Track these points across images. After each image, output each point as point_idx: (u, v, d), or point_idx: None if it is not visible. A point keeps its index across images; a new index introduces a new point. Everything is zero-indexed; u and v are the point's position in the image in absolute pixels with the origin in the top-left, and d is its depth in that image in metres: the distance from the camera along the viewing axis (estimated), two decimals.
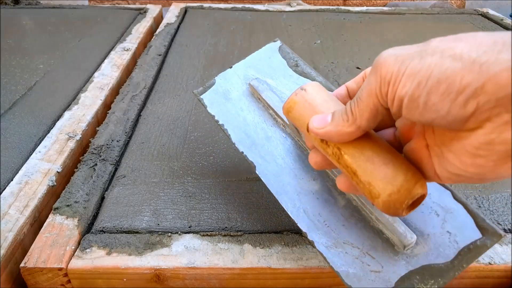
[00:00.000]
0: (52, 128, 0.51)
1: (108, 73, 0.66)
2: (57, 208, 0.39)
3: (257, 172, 0.34)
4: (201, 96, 0.40)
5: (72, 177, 0.43)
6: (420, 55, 0.21)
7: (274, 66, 0.41)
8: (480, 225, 0.29)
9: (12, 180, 0.42)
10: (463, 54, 0.20)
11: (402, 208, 0.24)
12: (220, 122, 0.38)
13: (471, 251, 0.28)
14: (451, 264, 0.28)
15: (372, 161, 0.24)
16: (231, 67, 0.41)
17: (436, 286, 0.27)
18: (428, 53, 0.21)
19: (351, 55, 0.74)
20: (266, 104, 0.38)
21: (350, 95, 0.30)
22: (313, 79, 0.40)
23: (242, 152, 0.36)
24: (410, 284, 0.28)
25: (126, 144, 0.49)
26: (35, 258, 0.34)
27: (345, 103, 0.28)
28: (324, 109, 0.27)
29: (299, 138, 0.35)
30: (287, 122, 0.36)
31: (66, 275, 0.34)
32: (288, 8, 1.01)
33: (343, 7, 1.03)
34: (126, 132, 0.51)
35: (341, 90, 0.30)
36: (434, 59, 0.21)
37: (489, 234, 0.29)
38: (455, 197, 0.32)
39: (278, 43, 0.43)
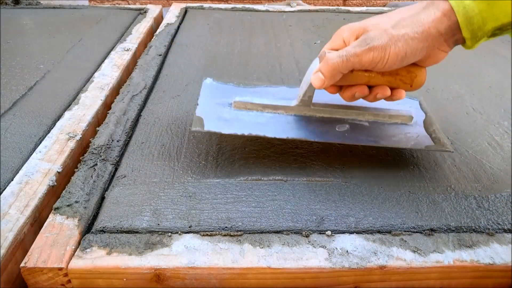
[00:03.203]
0: (52, 128, 0.52)
1: (108, 73, 0.66)
2: (57, 208, 0.39)
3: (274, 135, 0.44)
4: (206, 128, 0.44)
5: (72, 177, 0.43)
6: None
7: (227, 90, 0.50)
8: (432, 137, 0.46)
9: (12, 180, 0.42)
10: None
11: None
12: (240, 132, 0.44)
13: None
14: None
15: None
16: (195, 114, 0.46)
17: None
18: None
19: None
20: (261, 106, 0.47)
21: None
22: (257, 84, 0.53)
23: (264, 135, 0.44)
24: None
25: (126, 144, 0.50)
26: (35, 258, 0.34)
27: None
28: None
29: (303, 100, 0.46)
30: (284, 105, 0.47)
31: (66, 275, 0.34)
32: (288, 8, 1.01)
33: (343, 7, 1.03)
34: (126, 132, 0.51)
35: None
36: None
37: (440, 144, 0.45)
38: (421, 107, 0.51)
39: (209, 79, 0.53)
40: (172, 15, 0.94)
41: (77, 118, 0.53)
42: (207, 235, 0.37)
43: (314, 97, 0.46)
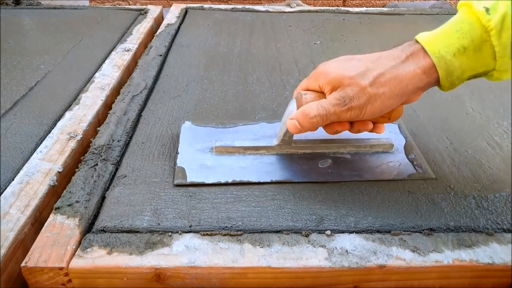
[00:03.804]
0: (53, 128, 0.52)
1: (109, 73, 0.66)
2: (58, 208, 0.39)
3: (257, 180, 0.44)
4: (188, 180, 0.43)
5: (73, 177, 0.44)
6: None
7: (207, 133, 0.50)
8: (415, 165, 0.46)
9: (13, 180, 0.43)
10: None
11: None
12: (223, 180, 0.43)
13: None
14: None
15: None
16: (176, 164, 0.45)
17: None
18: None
19: (351, 55, 0.74)
20: (242, 148, 0.47)
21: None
22: (237, 123, 0.53)
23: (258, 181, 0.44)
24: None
25: (127, 144, 0.50)
26: (36, 257, 0.34)
27: None
28: None
29: (283, 139, 0.46)
30: (265, 146, 0.47)
31: (67, 274, 0.34)
32: (288, 9, 1.01)
33: (342, 8, 1.03)
34: (127, 132, 0.51)
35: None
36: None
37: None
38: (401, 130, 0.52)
39: (187, 122, 0.52)
40: (172, 15, 0.94)
41: (78, 118, 0.54)
42: (207, 234, 0.37)
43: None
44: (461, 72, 0.37)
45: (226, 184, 0.43)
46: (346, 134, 0.44)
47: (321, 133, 0.44)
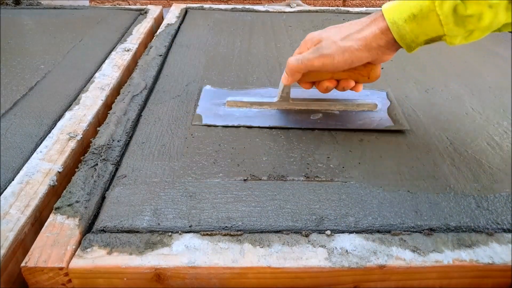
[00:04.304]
0: (53, 128, 0.52)
1: (109, 73, 0.66)
2: (58, 208, 0.39)
3: (259, 124, 0.53)
4: (203, 122, 0.54)
5: (73, 177, 0.44)
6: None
7: (222, 94, 0.60)
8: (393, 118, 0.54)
9: (13, 180, 0.43)
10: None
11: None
12: (230, 124, 0.53)
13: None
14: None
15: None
16: (195, 112, 0.56)
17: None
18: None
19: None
20: (249, 103, 0.57)
21: None
22: (248, 87, 0.63)
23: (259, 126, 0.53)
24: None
25: (127, 144, 0.50)
26: (36, 257, 0.34)
27: None
28: None
29: (282, 96, 0.56)
30: (267, 102, 0.57)
31: (67, 274, 0.34)
32: (288, 9, 1.01)
33: (342, 8, 1.03)
34: (126, 132, 0.51)
35: None
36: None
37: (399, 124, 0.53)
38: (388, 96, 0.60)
39: (208, 86, 0.63)
40: (172, 15, 0.94)
41: (78, 118, 0.54)
42: (207, 234, 0.37)
43: (295, 94, 0.56)
44: (415, 36, 0.43)
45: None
46: (336, 95, 0.55)
47: (316, 94, 0.54)
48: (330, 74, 0.49)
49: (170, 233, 0.37)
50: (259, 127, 0.52)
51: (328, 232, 0.37)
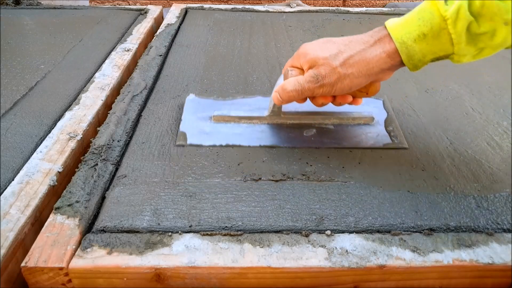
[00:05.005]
0: (53, 128, 0.52)
1: (109, 73, 0.66)
2: (58, 208, 0.39)
3: (248, 144, 0.50)
4: (188, 142, 0.50)
5: (73, 177, 0.44)
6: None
7: (207, 105, 0.57)
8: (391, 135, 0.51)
9: (13, 180, 0.43)
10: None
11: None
12: (219, 144, 0.49)
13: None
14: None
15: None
16: (179, 129, 0.52)
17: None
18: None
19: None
20: (237, 118, 0.53)
21: None
22: (235, 96, 0.60)
23: (245, 145, 0.49)
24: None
25: (127, 144, 0.50)
26: (36, 257, 0.34)
27: None
28: None
29: (273, 110, 0.52)
30: (257, 116, 0.53)
31: (67, 274, 0.34)
32: (288, 9, 1.01)
33: (342, 8, 1.03)
34: (126, 132, 0.51)
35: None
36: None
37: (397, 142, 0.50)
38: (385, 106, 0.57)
39: (192, 95, 0.59)
40: (172, 15, 0.94)
41: (78, 118, 0.54)
42: (207, 234, 0.37)
43: (286, 106, 0.51)
44: (422, 55, 0.41)
45: (222, 146, 0.49)
46: (331, 107, 0.50)
47: (309, 106, 0.49)
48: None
49: (170, 233, 0.37)
50: (249, 146, 0.48)
51: (328, 232, 0.37)
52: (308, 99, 0.48)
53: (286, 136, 0.50)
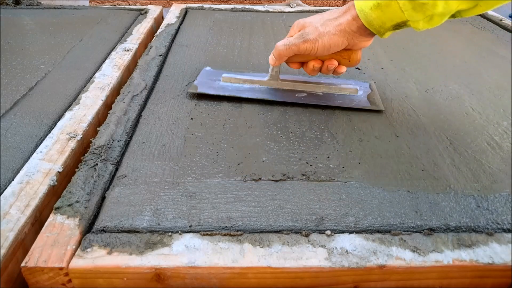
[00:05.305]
0: (53, 128, 0.52)
1: (109, 73, 0.66)
2: (58, 208, 0.39)
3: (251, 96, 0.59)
4: (199, 90, 0.60)
5: (73, 177, 0.44)
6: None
7: (219, 73, 0.65)
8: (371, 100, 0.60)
9: (13, 180, 0.43)
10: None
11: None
12: (224, 94, 0.60)
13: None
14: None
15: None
16: (193, 83, 0.63)
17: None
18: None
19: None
20: (241, 80, 0.62)
21: None
22: (243, 71, 0.68)
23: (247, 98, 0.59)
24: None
25: (127, 144, 0.50)
26: (36, 257, 0.34)
27: None
28: None
29: (271, 75, 0.61)
30: (259, 80, 0.62)
31: (67, 274, 0.34)
32: (288, 9, 1.01)
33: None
34: (127, 132, 0.51)
35: None
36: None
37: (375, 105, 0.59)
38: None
39: (208, 67, 0.68)
40: (172, 15, 0.94)
41: (78, 118, 0.54)
42: (207, 234, 0.37)
43: (285, 75, 0.62)
44: (382, 22, 0.48)
45: (226, 97, 0.59)
46: (322, 79, 0.63)
47: (303, 78, 0.62)
48: (314, 56, 0.55)
49: (170, 233, 0.37)
50: (247, 98, 0.58)
51: (328, 232, 0.37)
52: (302, 68, 0.57)
53: (281, 95, 0.60)
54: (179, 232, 0.37)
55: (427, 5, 0.45)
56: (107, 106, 0.59)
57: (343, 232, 0.38)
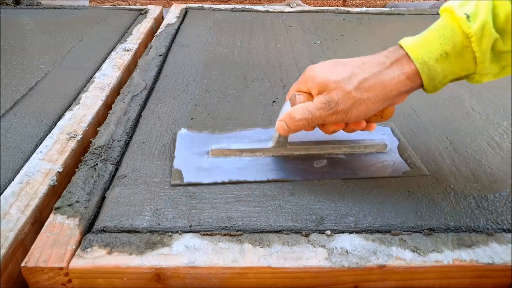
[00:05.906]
0: (53, 128, 0.52)
1: (109, 73, 0.66)
2: (58, 208, 0.39)
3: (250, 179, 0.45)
4: (185, 180, 0.44)
5: (73, 177, 0.44)
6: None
7: (203, 139, 0.50)
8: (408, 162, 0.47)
9: (13, 180, 0.43)
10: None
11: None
12: (221, 180, 0.44)
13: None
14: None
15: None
16: (173, 167, 0.45)
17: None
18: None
19: (350, 55, 0.73)
20: (238, 151, 0.47)
21: None
22: (232, 129, 0.53)
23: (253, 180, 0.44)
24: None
25: (127, 144, 0.50)
26: (36, 257, 0.34)
27: None
28: None
29: (278, 141, 0.47)
30: (261, 148, 0.47)
31: (67, 274, 0.34)
32: (288, 9, 1.01)
33: (342, 8, 1.03)
34: (126, 132, 0.51)
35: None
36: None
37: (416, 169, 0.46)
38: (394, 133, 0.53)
39: (183, 129, 0.52)
40: (172, 15, 0.94)
41: (78, 118, 0.54)
42: (207, 234, 0.37)
43: (291, 135, 0.45)
44: (443, 76, 0.38)
45: (224, 183, 0.43)
46: (340, 135, 0.46)
47: (317, 134, 0.45)
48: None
49: (170, 233, 0.37)
50: (255, 181, 0.43)
51: (328, 232, 0.37)
52: (317, 126, 0.43)
53: (296, 168, 0.45)
54: (179, 232, 0.37)
55: (508, 53, 0.36)
56: (107, 106, 0.59)
57: (343, 232, 0.38)
